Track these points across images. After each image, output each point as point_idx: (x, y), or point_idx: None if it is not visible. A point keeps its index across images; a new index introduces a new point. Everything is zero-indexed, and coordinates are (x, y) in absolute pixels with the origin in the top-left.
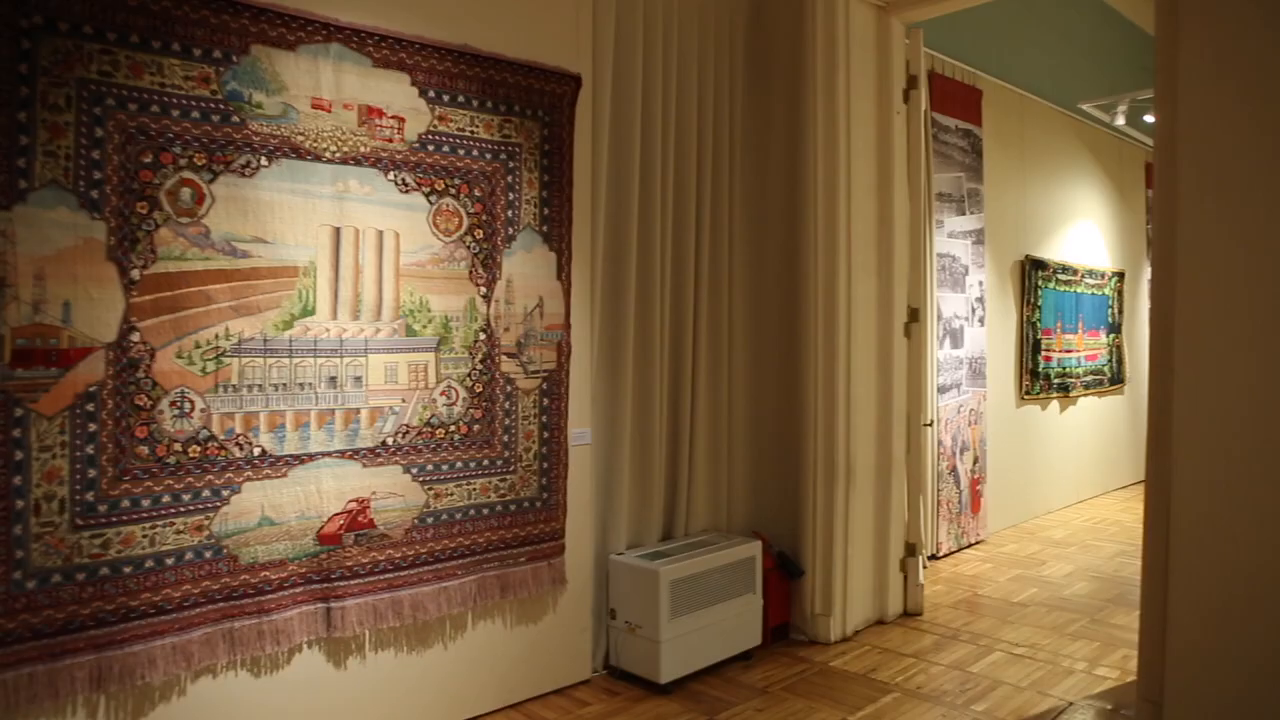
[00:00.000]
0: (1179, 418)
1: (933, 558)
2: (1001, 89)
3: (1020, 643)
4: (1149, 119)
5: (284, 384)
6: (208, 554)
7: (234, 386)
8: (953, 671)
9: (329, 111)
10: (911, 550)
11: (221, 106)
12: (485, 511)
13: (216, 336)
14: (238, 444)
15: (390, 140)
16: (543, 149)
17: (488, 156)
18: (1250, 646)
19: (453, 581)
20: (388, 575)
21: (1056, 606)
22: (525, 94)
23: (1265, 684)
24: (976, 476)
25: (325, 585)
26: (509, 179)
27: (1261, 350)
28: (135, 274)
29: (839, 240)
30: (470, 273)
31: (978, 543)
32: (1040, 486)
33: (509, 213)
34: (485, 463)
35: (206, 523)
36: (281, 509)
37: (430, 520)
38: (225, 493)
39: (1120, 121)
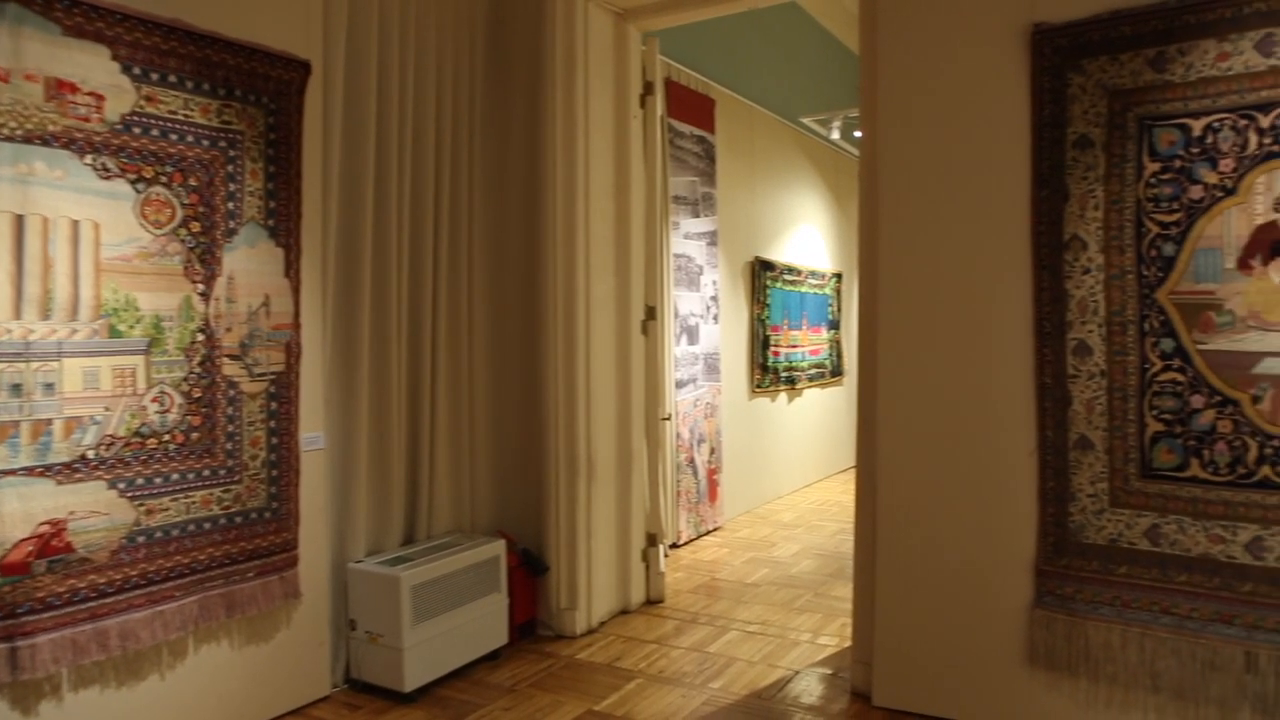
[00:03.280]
0: (882, 407)
1: (674, 546)
2: (733, 99)
3: (753, 621)
4: (858, 134)
5: None
6: None
7: None
8: (692, 653)
9: (6, 82)
10: (652, 540)
11: None
12: (207, 525)
13: None
14: None
15: (86, 120)
16: (268, 138)
17: (205, 143)
18: (942, 608)
19: (169, 604)
20: (90, 604)
21: (785, 584)
22: (248, 78)
23: (954, 638)
24: (713, 467)
25: (9, 622)
26: (230, 168)
27: (951, 346)
28: None
29: (578, 240)
30: (186, 269)
31: (715, 529)
32: (771, 473)
33: (230, 205)
34: (206, 473)
35: None
36: None
37: (142, 539)
38: None
39: (835, 136)
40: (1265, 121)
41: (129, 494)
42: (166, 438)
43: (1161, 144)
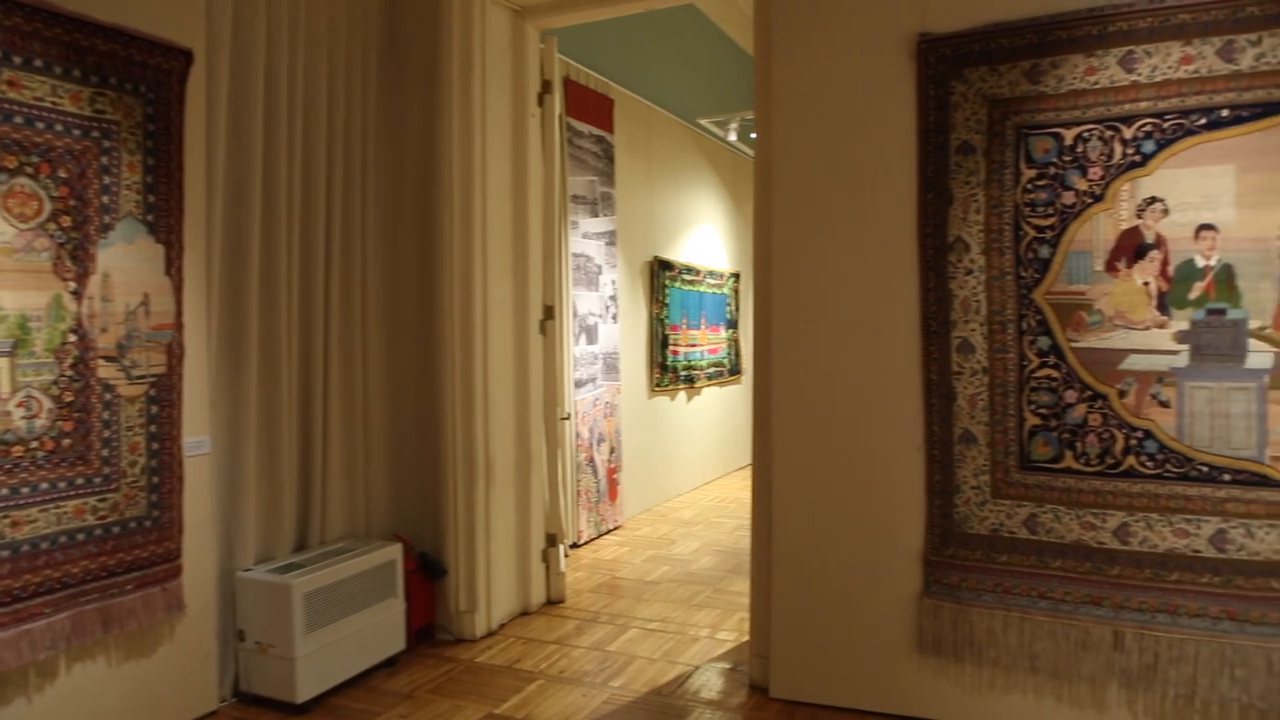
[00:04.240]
0: (777, 405)
1: (574, 546)
2: (631, 99)
3: (653, 618)
4: (755, 136)
5: None
6: None
7: None
8: (593, 652)
9: None
10: (552, 540)
11: None
12: (80, 537)
13: None
14: None
15: None
16: (146, 129)
17: (75, 133)
18: (836, 600)
19: (38, 622)
20: None
21: (685, 581)
22: (123, 65)
23: (847, 629)
24: (613, 466)
25: None
26: (104, 160)
27: (842, 345)
28: None
29: (475, 239)
30: (55, 265)
31: (616, 528)
32: (671, 471)
33: (105, 198)
34: (79, 481)
35: None
36: None
37: (5, 553)
38: None
39: (733, 138)
40: (1128, 133)
41: None
42: (34, 444)
43: (1037, 152)
